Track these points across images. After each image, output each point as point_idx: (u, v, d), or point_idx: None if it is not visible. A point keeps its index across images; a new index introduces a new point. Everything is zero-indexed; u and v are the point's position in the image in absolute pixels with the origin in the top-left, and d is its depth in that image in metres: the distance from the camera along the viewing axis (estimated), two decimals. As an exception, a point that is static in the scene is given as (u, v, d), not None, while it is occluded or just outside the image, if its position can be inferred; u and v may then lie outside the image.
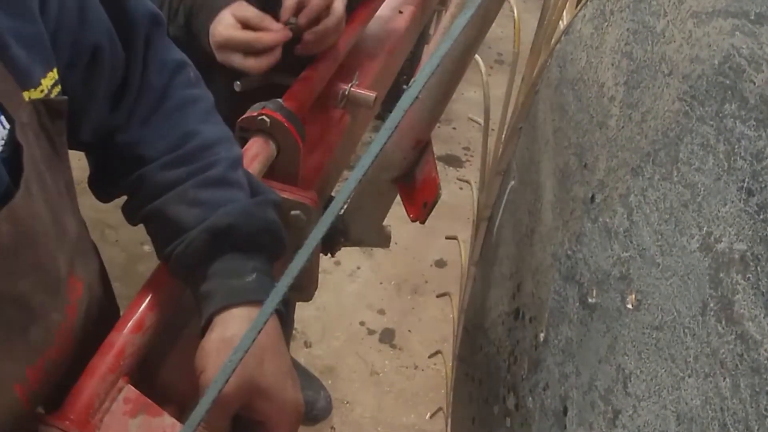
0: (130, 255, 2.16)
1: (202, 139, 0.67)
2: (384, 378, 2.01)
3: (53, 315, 0.55)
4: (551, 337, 0.74)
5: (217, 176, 0.66)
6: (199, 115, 0.69)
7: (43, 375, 0.56)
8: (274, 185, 0.83)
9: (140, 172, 0.66)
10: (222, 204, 0.65)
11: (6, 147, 0.50)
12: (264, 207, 0.68)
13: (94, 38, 0.60)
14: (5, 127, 0.50)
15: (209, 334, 0.61)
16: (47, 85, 0.54)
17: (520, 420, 0.82)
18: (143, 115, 0.66)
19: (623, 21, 0.70)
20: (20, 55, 0.51)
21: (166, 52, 0.68)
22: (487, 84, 1.31)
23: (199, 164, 0.66)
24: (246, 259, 0.65)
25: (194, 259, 0.64)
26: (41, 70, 0.53)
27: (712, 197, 0.47)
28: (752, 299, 0.41)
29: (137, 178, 0.66)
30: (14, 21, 0.51)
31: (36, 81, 0.53)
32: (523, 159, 1.03)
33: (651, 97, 0.60)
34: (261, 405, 0.61)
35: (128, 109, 0.65)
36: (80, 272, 0.60)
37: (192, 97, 0.70)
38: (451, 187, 2.52)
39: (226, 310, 0.62)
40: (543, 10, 1.15)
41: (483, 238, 1.26)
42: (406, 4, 1.20)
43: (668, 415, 0.48)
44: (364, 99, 1.00)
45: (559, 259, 0.75)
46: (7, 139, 0.50)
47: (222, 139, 0.69)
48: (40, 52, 0.53)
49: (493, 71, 3.20)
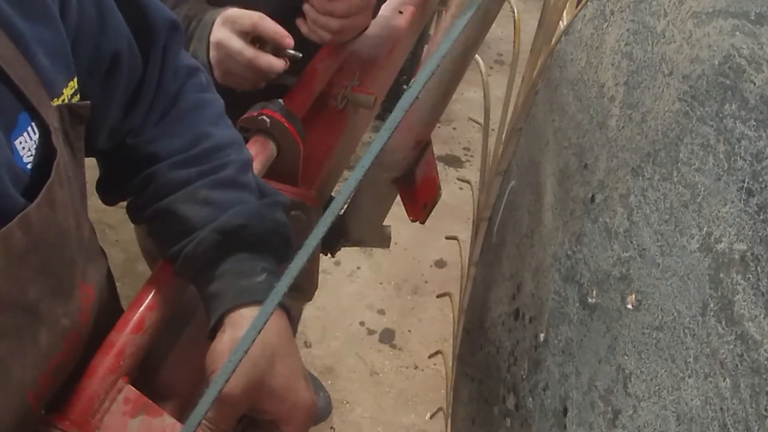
0: (130, 255, 2.16)
1: (213, 141, 0.67)
2: (384, 378, 2.01)
3: (63, 321, 0.54)
4: (551, 338, 0.74)
5: (228, 178, 0.66)
6: (211, 118, 0.70)
7: (53, 380, 0.56)
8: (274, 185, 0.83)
9: (150, 171, 0.66)
10: (232, 205, 0.65)
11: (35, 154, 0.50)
12: (273, 209, 0.68)
13: (114, 45, 0.60)
14: (35, 132, 0.50)
15: (221, 335, 0.61)
16: (68, 95, 0.54)
17: (520, 420, 0.82)
18: (156, 118, 0.67)
19: (623, 21, 0.70)
20: (45, 63, 0.51)
21: (181, 57, 0.69)
22: (487, 84, 1.31)
23: (210, 165, 0.66)
24: (256, 260, 0.65)
25: (204, 258, 0.64)
26: (63, 79, 0.53)
27: (712, 197, 0.47)
28: (752, 299, 0.41)
29: (147, 176, 0.66)
30: (39, 28, 0.50)
31: (59, 90, 0.53)
32: (523, 159, 1.03)
33: (651, 98, 0.60)
34: (272, 406, 0.60)
35: (143, 114, 0.66)
36: (91, 278, 0.60)
37: (204, 101, 0.70)
38: (451, 187, 2.52)
39: (236, 311, 0.62)
40: (543, 10, 1.15)
41: (483, 238, 1.26)
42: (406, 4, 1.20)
43: (668, 415, 0.48)
44: (364, 99, 1.00)
45: (559, 260, 0.75)
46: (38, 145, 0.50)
47: (233, 142, 0.70)
48: (63, 61, 0.53)
49: (493, 71, 3.20)
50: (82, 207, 0.58)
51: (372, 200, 1.19)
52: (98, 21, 0.58)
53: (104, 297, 0.64)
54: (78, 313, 0.57)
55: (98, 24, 0.58)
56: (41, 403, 0.55)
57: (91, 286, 0.59)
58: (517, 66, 1.29)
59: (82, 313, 0.57)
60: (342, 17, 0.92)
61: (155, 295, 0.66)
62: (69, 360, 0.57)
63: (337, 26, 0.93)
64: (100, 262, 0.64)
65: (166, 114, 0.67)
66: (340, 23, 0.93)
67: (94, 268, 0.61)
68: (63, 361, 0.56)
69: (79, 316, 0.57)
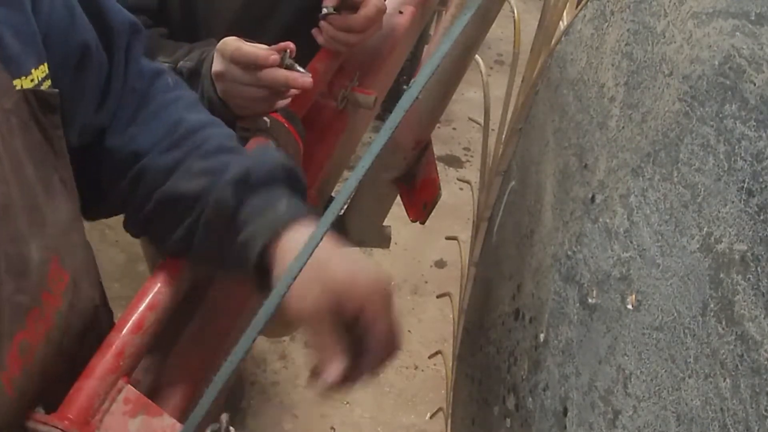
0: (130, 255, 2.16)
1: (191, 123, 0.69)
2: (384, 378, 2.01)
3: (19, 297, 0.54)
4: (551, 338, 0.74)
5: (217, 146, 0.68)
6: (184, 107, 0.71)
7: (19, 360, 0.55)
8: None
9: (137, 168, 0.67)
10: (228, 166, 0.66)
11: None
12: (270, 151, 0.71)
13: (83, 38, 0.61)
14: None
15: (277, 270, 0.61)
16: (38, 77, 0.54)
17: (520, 420, 0.82)
18: (128, 116, 0.68)
19: (623, 21, 0.70)
20: (13, 44, 0.52)
21: (144, 61, 0.71)
22: (487, 84, 1.31)
23: (194, 142, 0.68)
24: (270, 192, 0.65)
25: (224, 214, 0.64)
26: (32, 62, 0.54)
27: (713, 198, 0.47)
28: (752, 300, 0.41)
29: (135, 174, 0.67)
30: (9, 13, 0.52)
31: (27, 70, 0.53)
32: (523, 159, 1.03)
33: (651, 98, 0.60)
34: (349, 300, 0.60)
35: (112, 110, 0.67)
36: (67, 265, 0.60)
37: (174, 97, 0.71)
38: (451, 188, 2.52)
39: (276, 243, 0.62)
40: (543, 10, 1.15)
41: (483, 238, 1.26)
42: (406, 4, 1.20)
43: (668, 415, 0.48)
44: (364, 99, 1.00)
45: (559, 260, 0.75)
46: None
47: (212, 122, 0.71)
48: (33, 47, 0.54)
49: (493, 71, 3.20)
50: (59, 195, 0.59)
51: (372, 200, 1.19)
52: (68, 16, 0.60)
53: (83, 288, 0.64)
54: (42, 293, 0.56)
55: (68, 17, 0.59)
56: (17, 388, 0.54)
57: (66, 271, 0.59)
58: (517, 66, 1.29)
59: (51, 295, 0.57)
60: (360, 32, 0.94)
61: (155, 295, 0.66)
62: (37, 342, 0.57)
63: (356, 40, 0.95)
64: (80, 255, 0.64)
65: (139, 112, 0.68)
66: (359, 37, 0.95)
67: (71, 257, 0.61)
68: (30, 342, 0.55)
69: (44, 295, 0.57)
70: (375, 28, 0.98)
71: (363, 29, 0.94)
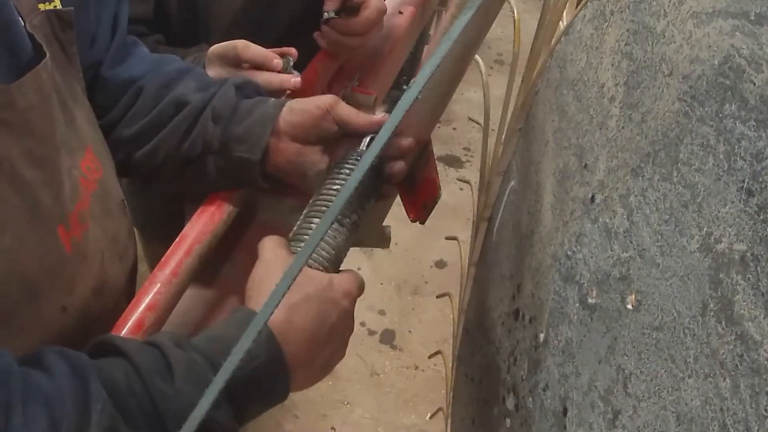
0: (130, 255, 2.16)
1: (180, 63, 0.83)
2: (384, 379, 2.01)
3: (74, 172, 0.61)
4: (551, 338, 0.74)
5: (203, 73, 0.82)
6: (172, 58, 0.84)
7: (80, 227, 0.61)
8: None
9: (137, 85, 0.77)
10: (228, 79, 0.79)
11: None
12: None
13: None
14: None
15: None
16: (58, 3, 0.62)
17: (520, 420, 0.82)
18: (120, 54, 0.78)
19: (623, 21, 0.70)
20: None
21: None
22: (487, 84, 1.31)
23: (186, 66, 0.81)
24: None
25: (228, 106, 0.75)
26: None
27: (712, 198, 0.47)
28: (752, 300, 0.41)
29: (135, 89, 0.77)
30: None
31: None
32: (523, 159, 1.03)
33: (651, 98, 0.60)
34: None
35: (104, 48, 0.75)
36: (98, 153, 0.67)
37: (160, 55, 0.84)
38: (451, 188, 2.52)
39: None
40: (543, 10, 1.15)
41: (483, 238, 1.26)
42: (406, 4, 1.19)
43: (668, 415, 0.48)
44: (364, 99, 1.00)
45: (559, 260, 0.75)
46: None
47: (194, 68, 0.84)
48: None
49: (493, 71, 3.20)
50: (81, 104, 0.66)
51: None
52: None
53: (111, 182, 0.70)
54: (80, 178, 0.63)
55: None
56: (74, 245, 0.60)
57: (98, 160, 0.67)
58: (517, 66, 1.30)
59: (86, 180, 0.64)
60: (362, 34, 0.94)
61: (155, 295, 0.66)
62: (88, 215, 0.63)
63: (358, 43, 0.96)
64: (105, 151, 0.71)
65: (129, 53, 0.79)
66: (361, 40, 0.96)
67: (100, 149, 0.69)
68: (84, 212, 0.62)
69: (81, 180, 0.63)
70: (376, 29, 0.98)
71: (365, 32, 0.95)
